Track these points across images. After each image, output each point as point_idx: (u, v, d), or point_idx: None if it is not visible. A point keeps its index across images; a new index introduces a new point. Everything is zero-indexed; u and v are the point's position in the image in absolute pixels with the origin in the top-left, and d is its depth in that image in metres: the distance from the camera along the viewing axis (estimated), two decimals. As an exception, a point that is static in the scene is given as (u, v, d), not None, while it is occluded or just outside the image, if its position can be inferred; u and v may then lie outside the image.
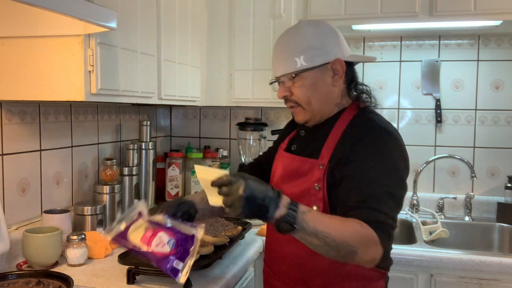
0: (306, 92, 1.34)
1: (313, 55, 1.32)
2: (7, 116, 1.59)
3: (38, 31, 1.36)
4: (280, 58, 1.37)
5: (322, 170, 1.29)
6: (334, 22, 2.25)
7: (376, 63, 2.58)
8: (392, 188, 1.20)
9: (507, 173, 2.42)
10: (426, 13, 2.11)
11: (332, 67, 1.34)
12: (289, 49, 1.35)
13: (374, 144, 1.25)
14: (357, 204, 1.17)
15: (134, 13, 1.62)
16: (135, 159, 2.11)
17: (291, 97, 1.37)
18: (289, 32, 1.41)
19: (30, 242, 1.49)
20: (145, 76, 1.71)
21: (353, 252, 1.11)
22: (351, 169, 1.23)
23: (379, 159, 1.23)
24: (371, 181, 1.19)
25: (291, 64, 1.33)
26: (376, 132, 1.28)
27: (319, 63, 1.33)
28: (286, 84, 1.36)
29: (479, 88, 2.48)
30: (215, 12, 2.33)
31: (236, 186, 1.05)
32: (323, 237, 1.09)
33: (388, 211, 1.17)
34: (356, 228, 1.12)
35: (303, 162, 1.36)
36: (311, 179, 1.31)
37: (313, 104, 1.36)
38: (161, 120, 2.76)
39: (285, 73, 1.35)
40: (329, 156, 1.30)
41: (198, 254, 1.46)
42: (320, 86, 1.35)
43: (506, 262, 1.82)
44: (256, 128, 2.55)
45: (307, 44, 1.33)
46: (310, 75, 1.33)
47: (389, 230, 1.17)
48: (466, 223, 2.41)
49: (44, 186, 1.77)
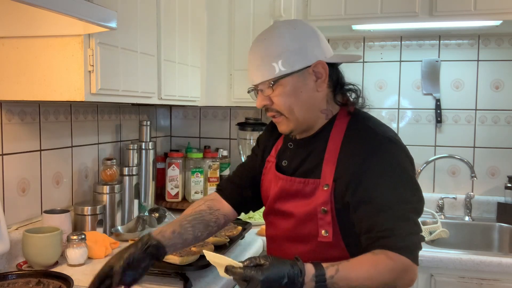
0: (287, 99, 1.22)
1: (292, 59, 1.20)
2: (7, 116, 1.59)
3: (38, 31, 1.36)
4: (256, 64, 1.24)
5: (327, 191, 1.19)
6: (334, 22, 2.27)
7: (376, 63, 2.58)
8: (413, 204, 1.15)
9: (507, 173, 2.42)
10: (426, 13, 2.12)
11: (314, 71, 1.22)
12: (266, 53, 1.22)
13: (384, 161, 1.16)
14: (383, 233, 1.10)
15: (134, 13, 1.62)
16: (135, 159, 2.11)
17: (272, 106, 1.25)
18: (264, 34, 1.27)
19: (30, 242, 1.49)
20: (145, 76, 1.71)
21: (391, 285, 1.09)
22: (366, 193, 1.14)
23: (393, 176, 1.15)
24: (391, 203, 1.12)
25: (269, 71, 1.21)
26: (382, 146, 1.18)
27: (299, 67, 1.21)
28: (265, 93, 1.24)
29: (479, 88, 2.48)
30: (215, 12, 2.33)
31: (253, 285, 0.99)
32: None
33: (415, 228, 1.13)
34: (389, 265, 1.08)
35: (304, 184, 1.25)
36: (316, 202, 1.21)
37: (296, 113, 1.24)
38: (161, 120, 2.76)
39: (263, 80, 1.23)
40: (333, 174, 1.20)
41: (198, 254, 1.46)
42: (302, 92, 1.23)
43: (506, 262, 1.82)
44: (256, 128, 2.55)
45: (284, 47, 1.21)
46: (290, 81, 1.21)
47: (419, 245, 1.13)
48: (466, 223, 2.41)
49: (44, 186, 1.77)
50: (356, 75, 2.56)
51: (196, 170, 2.38)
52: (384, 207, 1.12)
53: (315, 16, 2.24)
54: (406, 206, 1.13)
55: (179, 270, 1.41)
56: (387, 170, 1.15)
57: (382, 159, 1.16)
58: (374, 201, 1.13)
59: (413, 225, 1.13)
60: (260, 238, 1.99)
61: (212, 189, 2.43)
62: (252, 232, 2.02)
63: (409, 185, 1.16)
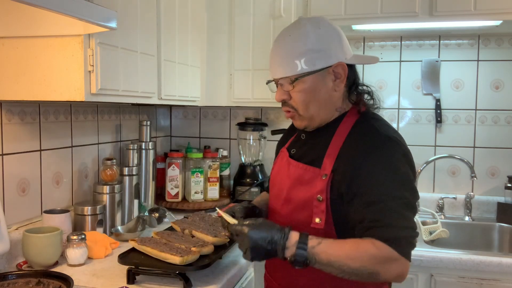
0: (306, 97, 1.28)
1: (314, 58, 1.25)
2: (7, 116, 1.59)
3: (38, 31, 1.36)
4: (279, 59, 1.29)
5: (324, 180, 1.24)
6: (334, 22, 2.26)
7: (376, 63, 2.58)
8: (405, 199, 1.17)
9: (507, 173, 2.42)
10: (426, 13, 2.11)
11: (334, 71, 1.28)
12: (290, 50, 1.27)
13: (381, 157, 1.20)
14: (373, 223, 1.14)
15: (134, 13, 1.62)
16: (135, 159, 2.11)
17: (289, 101, 1.31)
18: (289, 31, 1.31)
19: (30, 242, 1.49)
20: (145, 76, 1.71)
21: (374, 273, 1.12)
22: (362, 186, 1.18)
23: (388, 172, 1.19)
24: (384, 196, 1.16)
25: (292, 67, 1.26)
26: (382, 143, 1.22)
27: (320, 67, 1.26)
28: (285, 88, 1.30)
29: (479, 88, 2.48)
30: (215, 12, 2.33)
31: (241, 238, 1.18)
32: (338, 266, 1.12)
33: (406, 222, 1.15)
34: (370, 250, 1.11)
35: (304, 170, 1.31)
36: (313, 189, 1.26)
37: (311, 110, 1.30)
38: (161, 120, 2.76)
39: (285, 76, 1.28)
40: (332, 165, 1.25)
41: (198, 254, 1.46)
42: (320, 91, 1.28)
43: (506, 262, 1.82)
44: (256, 128, 2.56)
45: (309, 46, 1.26)
46: (310, 79, 1.27)
47: (410, 240, 1.15)
48: (466, 223, 2.41)
49: (44, 186, 1.77)
50: (356, 75, 2.57)
51: (196, 170, 2.38)
52: (376, 200, 1.16)
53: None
54: (398, 201, 1.16)
55: (179, 270, 1.41)
56: (382, 167, 1.19)
57: (379, 156, 1.20)
58: (366, 195, 1.17)
59: (403, 220, 1.15)
60: (260, 238, 1.98)
61: (212, 189, 2.43)
62: (252, 232, 2.02)
63: (403, 182, 1.19)
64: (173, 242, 1.55)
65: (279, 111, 2.65)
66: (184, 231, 1.70)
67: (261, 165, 2.60)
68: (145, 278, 1.46)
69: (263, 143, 2.59)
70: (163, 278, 1.45)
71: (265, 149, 2.63)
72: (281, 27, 2.23)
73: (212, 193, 2.43)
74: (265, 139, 2.59)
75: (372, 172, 1.18)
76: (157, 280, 1.45)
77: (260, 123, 2.59)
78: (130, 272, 1.44)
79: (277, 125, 2.61)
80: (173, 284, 1.43)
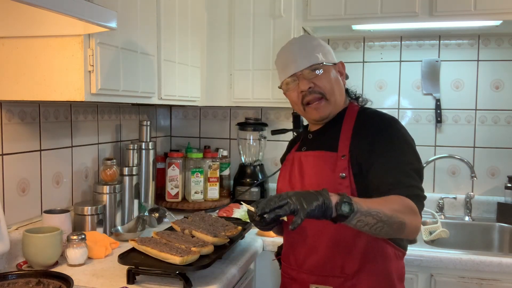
0: (331, 82, 1.47)
1: (327, 54, 1.49)
2: (7, 116, 1.59)
3: (38, 31, 1.36)
4: (301, 53, 1.47)
5: (345, 160, 1.39)
6: (334, 22, 2.27)
7: (376, 63, 2.58)
8: (415, 165, 1.36)
9: (507, 173, 2.42)
10: (426, 13, 2.11)
11: (339, 67, 1.52)
12: (308, 46, 1.48)
13: (391, 133, 1.39)
14: (393, 185, 1.29)
15: (134, 13, 1.62)
16: (135, 159, 2.11)
17: (315, 88, 1.46)
18: (300, 37, 1.57)
19: (30, 242, 1.49)
20: (145, 76, 1.71)
21: (402, 223, 1.20)
22: (378, 158, 1.35)
23: (398, 144, 1.37)
24: (399, 163, 1.33)
25: (315, 57, 1.46)
26: (389, 122, 1.43)
27: (332, 62, 1.50)
28: (310, 76, 1.46)
29: (479, 88, 2.48)
30: (215, 12, 2.33)
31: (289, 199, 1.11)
32: (376, 213, 1.17)
33: (418, 184, 1.33)
34: (400, 201, 1.24)
35: (322, 156, 1.45)
36: (334, 170, 1.40)
37: (336, 95, 1.48)
38: (161, 120, 2.76)
39: (311, 64, 1.45)
40: (348, 147, 1.41)
41: (198, 254, 1.46)
42: (338, 80, 1.50)
43: (506, 262, 1.82)
44: (256, 128, 2.56)
45: (320, 44, 1.50)
46: (331, 69, 1.49)
47: (423, 200, 1.33)
48: (466, 223, 2.41)
49: (44, 186, 1.77)
50: (356, 75, 2.57)
51: (196, 170, 2.38)
52: (391, 167, 1.33)
53: (315, 16, 2.24)
54: (409, 166, 1.34)
55: (179, 270, 1.41)
56: (394, 141, 1.38)
57: (390, 132, 1.40)
58: (383, 163, 1.34)
59: (417, 182, 1.33)
60: (260, 238, 1.99)
61: (212, 189, 2.43)
62: (252, 232, 2.02)
63: (411, 152, 1.39)
64: (173, 242, 1.55)
65: (279, 111, 2.65)
66: (184, 231, 1.70)
67: (261, 165, 2.60)
68: (145, 278, 1.46)
69: (263, 143, 2.59)
70: (163, 278, 1.45)
71: (265, 149, 2.63)
72: (281, 27, 2.27)
73: (212, 193, 2.43)
74: (265, 139, 2.59)
75: (384, 145, 1.36)
76: (157, 280, 1.45)
77: (260, 123, 2.59)
78: (130, 272, 1.44)
79: (277, 125, 2.61)
80: (173, 284, 1.43)
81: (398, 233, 1.24)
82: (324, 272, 1.43)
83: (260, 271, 2.03)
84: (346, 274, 1.40)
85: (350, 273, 1.40)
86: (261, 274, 2.03)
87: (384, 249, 1.40)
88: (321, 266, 1.43)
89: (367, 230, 1.18)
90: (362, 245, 1.38)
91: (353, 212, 1.13)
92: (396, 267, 1.44)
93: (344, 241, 1.39)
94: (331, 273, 1.41)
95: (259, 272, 2.03)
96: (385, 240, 1.39)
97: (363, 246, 1.38)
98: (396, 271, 1.44)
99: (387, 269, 1.41)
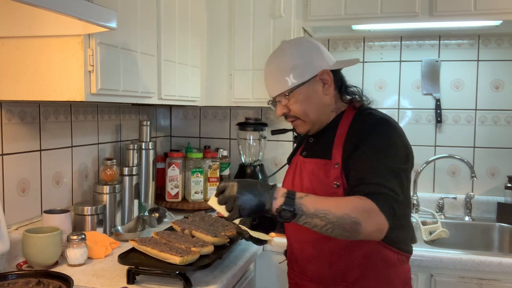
0: (302, 106, 1.44)
1: (301, 72, 1.42)
2: (7, 116, 1.59)
3: (38, 31, 1.36)
4: (272, 80, 1.48)
5: (338, 168, 1.37)
6: (334, 22, 2.27)
7: (376, 63, 2.58)
8: (392, 164, 1.29)
9: (507, 173, 2.42)
10: (426, 13, 2.11)
11: (321, 78, 1.43)
12: (279, 70, 1.45)
13: (376, 133, 1.34)
14: (358, 181, 1.27)
15: (134, 13, 1.62)
16: (135, 159, 2.11)
17: (290, 113, 1.47)
18: (275, 54, 1.50)
19: (30, 242, 1.49)
20: (145, 76, 1.71)
21: (356, 223, 1.16)
22: (356, 157, 1.32)
23: (380, 143, 1.32)
24: (372, 161, 1.29)
25: (283, 84, 1.43)
26: (377, 123, 1.38)
27: (308, 78, 1.43)
28: (283, 102, 1.47)
29: (479, 88, 2.48)
30: (215, 12, 2.33)
31: (229, 190, 1.20)
32: (323, 215, 1.16)
33: (388, 183, 1.24)
34: (354, 201, 1.20)
35: (318, 163, 1.44)
36: (328, 179, 1.38)
37: (310, 115, 1.46)
38: (161, 120, 2.76)
39: (279, 93, 1.45)
40: (340, 154, 1.38)
41: (198, 254, 1.46)
42: (313, 98, 1.45)
43: (506, 262, 1.82)
44: (256, 128, 2.55)
45: (293, 63, 1.43)
46: (302, 90, 1.43)
47: (390, 200, 1.22)
48: (466, 223, 2.41)
49: (44, 186, 1.77)
50: (356, 75, 2.57)
51: (196, 170, 2.38)
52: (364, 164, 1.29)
53: (315, 16, 2.24)
54: (383, 165, 1.28)
55: (179, 270, 1.41)
56: (377, 140, 1.33)
57: (374, 135, 1.34)
58: (359, 162, 1.31)
59: (385, 180, 1.24)
60: (260, 238, 1.98)
61: (212, 189, 2.43)
62: (252, 232, 2.02)
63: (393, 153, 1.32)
64: (173, 242, 1.55)
65: (279, 111, 2.65)
66: (184, 231, 1.70)
67: (261, 165, 2.60)
68: (145, 278, 1.47)
69: (263, 143, 2.59)
70: (163, 278, 1.45)
71: (265, 149, 2.63)
72: (281, 27, 2.27)
73: (212, 193, 2.43)
74: (265, 139, 2.59)
75: (366, 145, 1.32)
76: (157, 280, 1.46)
77: (260, 123, 2.59)
78: (130, 272, 1.44)
79: (277, 125, 2.61)
80: (173, 284, 1.43)
81: (355, 234, 1.18)
82: (326, 280, 1.43)
83: (260, 271, 2.03)
84: (347, 281, 1.39)
85: (351, 281, 1.39)
86: (261, 274, 2.03)
87: (386, 256, 1.38)
88: (323, 274, 1.43)
89: (318, 231, 1.18)
90: (362, 252, 1.37)
91: (295, 217, 1.17)
92: (400, 272, 1.43)
93: (344, 248, 1.38)
94: (333, 281, 1.41)
95: (259, 272, 2.03)
96: (386, 246, 1.37)
97: (364, 253, 1.37)
98: (400, 276, 1.43)
99: (390, 275, 1.40)
